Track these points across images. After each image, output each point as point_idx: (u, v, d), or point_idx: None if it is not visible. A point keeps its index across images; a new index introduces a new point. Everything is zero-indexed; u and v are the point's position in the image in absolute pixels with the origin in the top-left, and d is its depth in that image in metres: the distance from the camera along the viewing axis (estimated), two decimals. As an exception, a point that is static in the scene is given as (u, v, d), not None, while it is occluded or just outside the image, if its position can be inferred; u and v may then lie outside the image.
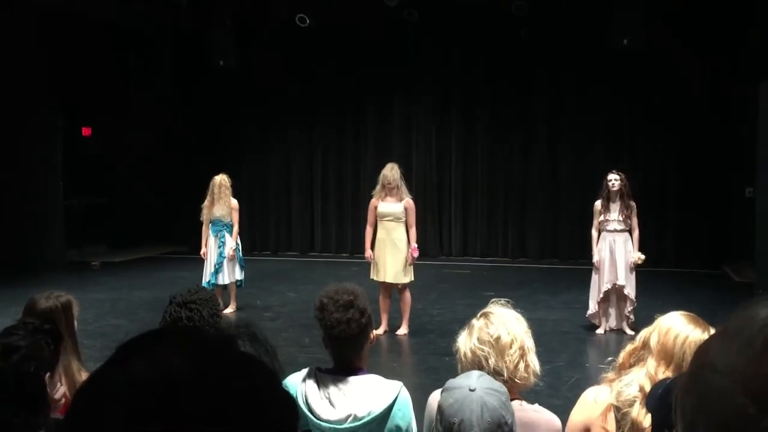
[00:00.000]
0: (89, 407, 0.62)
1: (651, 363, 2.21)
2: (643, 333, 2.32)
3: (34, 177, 12.14)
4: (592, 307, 7.77)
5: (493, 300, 2.56)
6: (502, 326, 2.38)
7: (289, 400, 0.68)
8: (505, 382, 2.15)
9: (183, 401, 0.59)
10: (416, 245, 7.70)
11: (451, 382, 1.92)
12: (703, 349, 0.69)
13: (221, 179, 8.63)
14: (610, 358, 2.51)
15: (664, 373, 2.16)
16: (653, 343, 2.24)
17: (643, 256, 7.60)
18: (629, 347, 2.35)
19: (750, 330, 0.64)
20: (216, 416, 0.60)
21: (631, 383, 2.24)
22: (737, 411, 0.61)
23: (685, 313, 2.32)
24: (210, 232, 8.62)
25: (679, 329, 2.23)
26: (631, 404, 2.19)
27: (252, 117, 14.28)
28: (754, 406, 0.61)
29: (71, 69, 12.78)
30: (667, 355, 2.20)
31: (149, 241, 14.41)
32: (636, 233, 7.67)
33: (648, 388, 2.15)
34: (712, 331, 2.23)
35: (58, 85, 12.51)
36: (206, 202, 8.67)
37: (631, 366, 2.30)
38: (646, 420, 2.08)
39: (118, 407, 0.59)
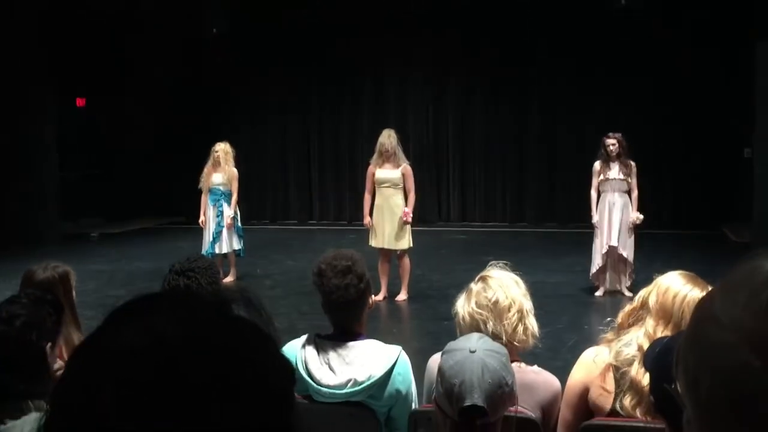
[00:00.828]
0: (82, 374, 0.61)
1: (650, 322, 2.22)
2: (642, 293, 2.32)
3: (28, 149, 12.07)
4: (594, 269, 7.79)
5: (491, 263, 2.55)
6: (500, 290, 2.38)
7: (286, 364, 0.67)
8: (504, 345, 2.15)
9: (175, 367, 0.58)
10: (409, 210, 7.64)
11: (451, 345, 1.92)
12: (705, 302, 0.67)
13: (225, 146, 8.59)
14: (609, 319, 2.51)
15: (662, 333, 2.16)
16: (652, 302, 2.24)
17: (641, 216, 7.59)
18: (628, 307, 2.35)
19: (754, 283, 0.63)
20: (210, 381, 0.59)
21: (629, 343, 2.24)
22: (741, 365, 0.60)
23: (684, 272, 2.32)
24: (208, 200, 8.59)
25: (678, 288, 2.22)
26: (630, 363, 2.20)
27: (248, 86, 14.17)
28: (759, 360, 0.59)
29: (65, 39, 12.64)
30: (666, 315, 2.20)
31: (147, 212, 14.39)
32: (635, 193, 7.65)
33: (647, 347, 2.15)
34: (709, 288, 2.22)
35: (52, 55, 12.38)
36: (206, 170, 8.62)
37: (629, 326, 2.30)
38: (645, 379, 2.09)
39: (111, 375, 0.58)
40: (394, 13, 13.25)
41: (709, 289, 2.19)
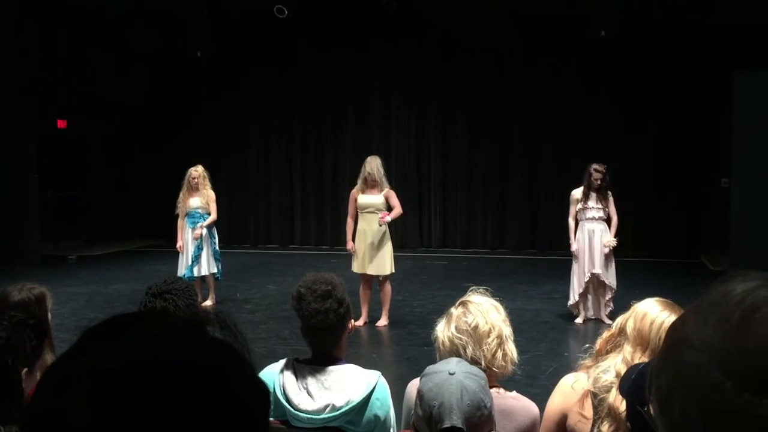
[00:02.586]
0: (53, 395, 0.60)
1: (627, 349, 2.22)
2: (620, 319, 2.33)
3: (7, 169, 11.97)
4: (573, 297, 7.80)
5: (472, 288, 2.56)
6: (480, 315, 2.38)
7: (261, 387, 0.66)
8: (483, 371, 2.15)
9: (148, 388, 0.58)
10: (388, 214, 7.53)
11: (431, 368, 1.92)
12: (678, 324, 0.68)
13: (201, 170, 8.57)
14: (587, 345, 2.52)
15: (640, 358, 2.17)
16: (629, 329, 2.25)
17: (614, 241, 7.63)
18: (606, 334, 2.36)
19: (726, 305, 0.64)
20: (183, 402, 0.58)
21: (607, 369, 2.25)
22: (713, 387, 0.61)
23: (661, 299, 2.33)
24: (186, 224, 8.55)
25: (655, 315, 2.24)
26: (608, 390, 2.20)
27: (229, 108, 14.19)
28: (731, 381, 0.60)
29: (46, 59, 12.60)
30: (643, 341, 2.21)
31: (126, 235, 14.29)
32: (615, 219, 7.69)
33: (623, 371, 2.16)
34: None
35: (33, 76, 12.33)
36: (182, 195, 8.60)
37: (607, 352, 2.31)
38: (623, 405, 2.09)
39: (83, 394, 0.58)
40: (378, 39, 13.37)
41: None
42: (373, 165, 7.61)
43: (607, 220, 7.73)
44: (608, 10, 11.12)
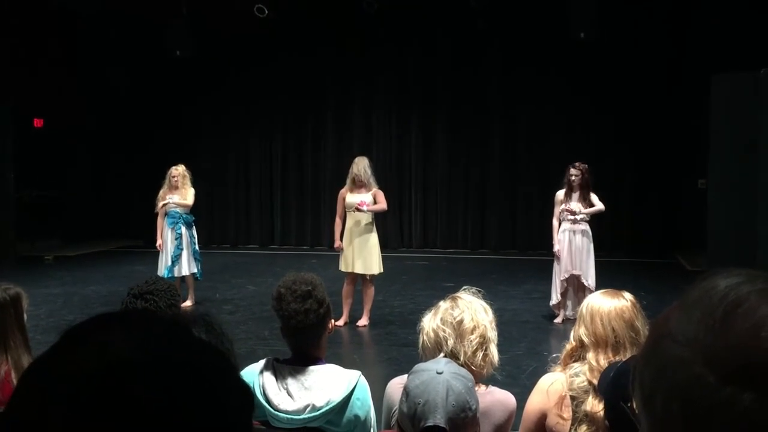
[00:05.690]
0: (33, 396, 0.59)
1: (591, 356, 2.28)
2: (573, 333, 2.40)
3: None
4: (555, 296, 7.84)
5: (464, 287, 2.56)
6: (467, 311, 2.39)
7: (245, 390, 0.66)
8: (461, 366, 2.16)
9: (132, 390, 0.57)
10: (368, 204, 7.50)
11: (419, 365, 1.93)
12: (662, 319, 0.69)
13: (182, 169, 8.52)
14: (555, 355, 2.55)
15: (605, 358, 2.23)
16: (585, 337, 2.32)
17: (583, 210, 7.67)
18: (568, 346, 2.41)
19: (710, 300, 0.65)
20: (167, 405, 0.57)
21: (578, 374, 2.30)
22: (696, 381, 0.61)
23: (601, 291, 2.43)
24: (166, 223, 8.48)
25: (597, 308, 2.33)
26: (586, 391, 2.23)
27: (210, 108, 14.12)
28: (713, 376, 0.61)
29: (22, 58, 12.46)
30: (600, 340, 2.28)
31: (104, 235, 14.16)
32: (599, 205, 7.69)
33: (595, 379, 2.21)
34: (626, 295, 2.33)
35: (8, 75, 12.18)
36: (161, 193, 8.53)
37: (574, 362, 2.36)
38: (600, 406, 2.13)
39: (64, 396, 0.57)
40: (358, 40, 13.36)
41: (623, 295, 2.31)
42: (361, 166, 7.63)
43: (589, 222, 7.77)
44: (586, 12, 11.19)
